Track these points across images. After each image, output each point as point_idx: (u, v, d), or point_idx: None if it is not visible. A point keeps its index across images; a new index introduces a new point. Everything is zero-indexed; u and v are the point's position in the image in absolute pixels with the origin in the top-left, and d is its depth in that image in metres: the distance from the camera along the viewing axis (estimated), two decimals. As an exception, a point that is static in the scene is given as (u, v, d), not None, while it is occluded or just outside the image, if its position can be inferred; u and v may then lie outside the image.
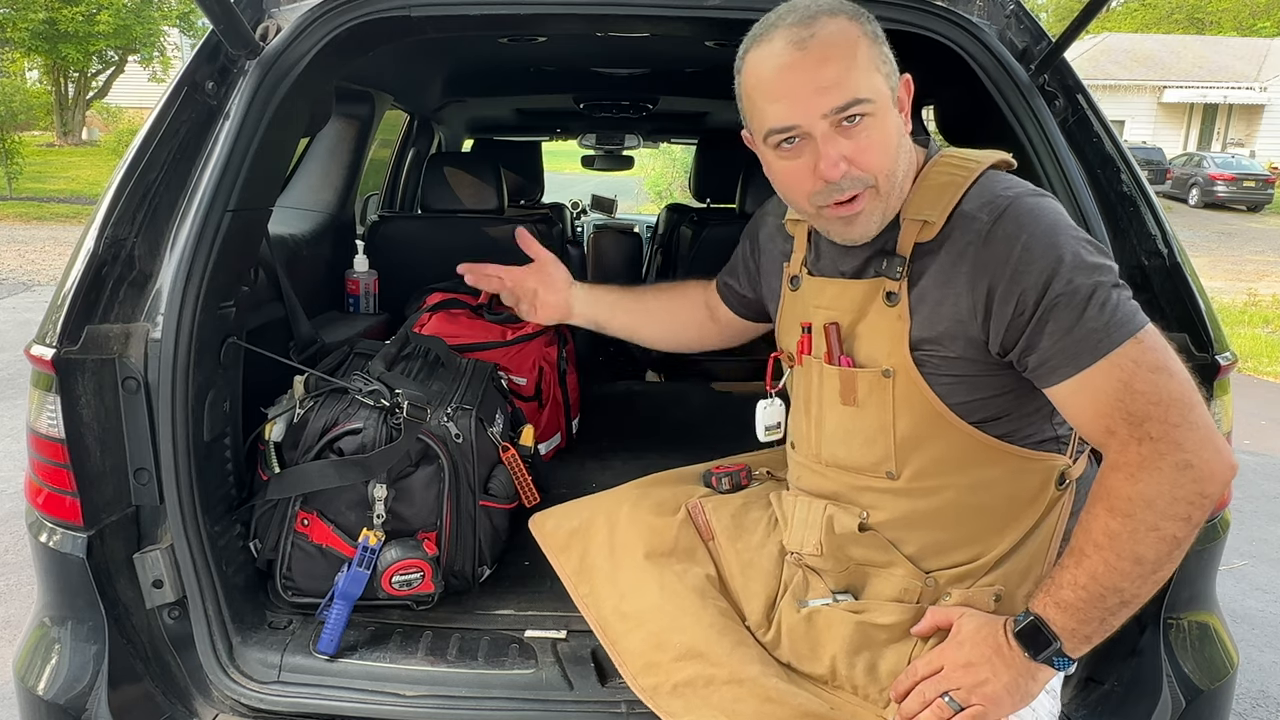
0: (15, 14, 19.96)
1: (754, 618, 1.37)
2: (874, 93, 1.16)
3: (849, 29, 1.16)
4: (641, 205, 16.56)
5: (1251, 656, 2.91)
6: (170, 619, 1.46)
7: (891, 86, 1.20)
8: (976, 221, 1.16)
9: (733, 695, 1.23)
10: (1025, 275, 1.11)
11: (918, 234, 1.21)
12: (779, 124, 1.18)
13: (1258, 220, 20.43)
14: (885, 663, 1.26)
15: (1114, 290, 1.11)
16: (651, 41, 2.15)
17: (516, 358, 2.43)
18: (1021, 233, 1.13)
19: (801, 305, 1.38)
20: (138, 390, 1.40)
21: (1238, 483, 1.21)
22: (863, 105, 1.15)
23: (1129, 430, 1.08)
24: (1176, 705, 1.45)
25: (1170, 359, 1.10)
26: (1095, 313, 1.09)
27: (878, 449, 1.26)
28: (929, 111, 2.39)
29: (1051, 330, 1.11)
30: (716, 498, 1.54)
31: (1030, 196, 1.17)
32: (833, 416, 1.31)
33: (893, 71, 1.21)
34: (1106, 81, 28.23)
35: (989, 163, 1.23)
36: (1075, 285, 1.10)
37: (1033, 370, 1.15)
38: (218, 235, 1.46)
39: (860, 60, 1.16)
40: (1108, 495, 1.09)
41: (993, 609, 1.25)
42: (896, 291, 1.22)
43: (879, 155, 1.18)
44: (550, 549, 1.53)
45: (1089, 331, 1.09)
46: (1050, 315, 1.11)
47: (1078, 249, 1.12)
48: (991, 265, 1.14)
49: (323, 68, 1.61)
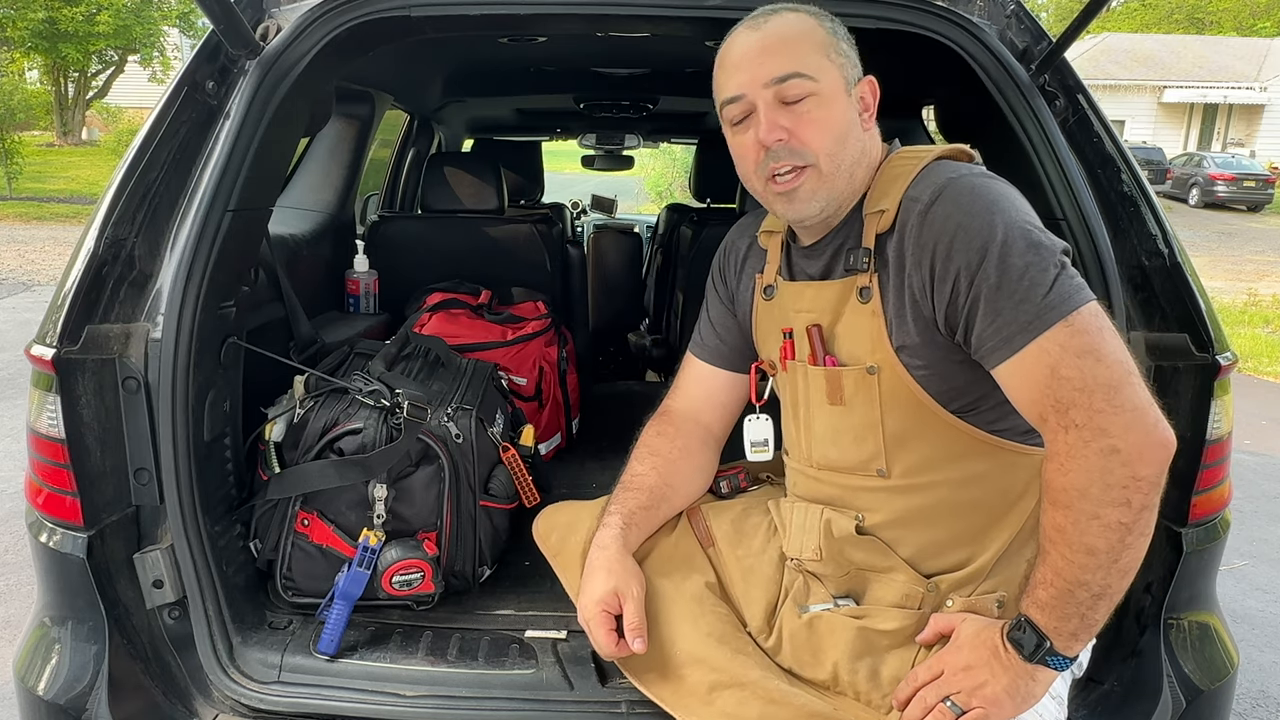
0: (15, 14, 19.95)
1: (755, 623, 1.37)
2: (818, 72, 1.23)
3: (805, 20, 1.27)
4: (641, 205, 16.56)
5: (1251, 656, 2.91)
6: (170, 619, 1.46)
7: (846, 77, 1.26)
8: (918, 203, 1.18)
9: (736, 699, 1.23)
10: (959, 253, 1.13)
11: (878, 225, 1.23)
12: (728, 94, 1.28)
13: (1258, 220, 20.43)
14: (887, 668, 1.26)
15: (1051, 271, 1.10)
16: (651, 41, 2.15)
17: (517, 358, 2.43)
18: (957, 211, 1.14)
19: (780, 312, 1.39)
20: (138, 390, 1.40)
21: (1238, 483, 1.21)
22: (804, 81, 1.22)
23: (1057, 418, 1.08)
24: (1177, 705, 1.45)
25: (1102, 342, 1.08)
26: (1026, 293, 1.09)
27: (867, 446, 1.27)
28: (929, 111, 2.40)
29: (985, 310, 1.12)
30: (716, 504, 1.54)
31: (973, 177, 1.19)
32: (821, 417, 1.32)
33: (849, 65, 1.27)
34: (1106, 81, 28.23)
35: (939, 152, 1.26)
36: (1008, 265, 1.10)
37: (975, 351, 1.16)
38: (218, 235, 1.46)
39: (808, 43, 1.24)
40: (1048, 489, 1.10)
41: (996, 615, 1.24)
42: (869, 286, 1.24)
43: (818, 133, 1.23)
44: (552, 558, 1.53)
45: (1019, 313, 1.10)
46: (982, 294, 1.12)
47: (1013, 228, 1.12)
48: (930, 243, 1.15)
49: (323, 68, 1.61)
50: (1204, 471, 1.47)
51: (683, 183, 14.73)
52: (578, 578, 1.42)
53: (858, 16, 1.49)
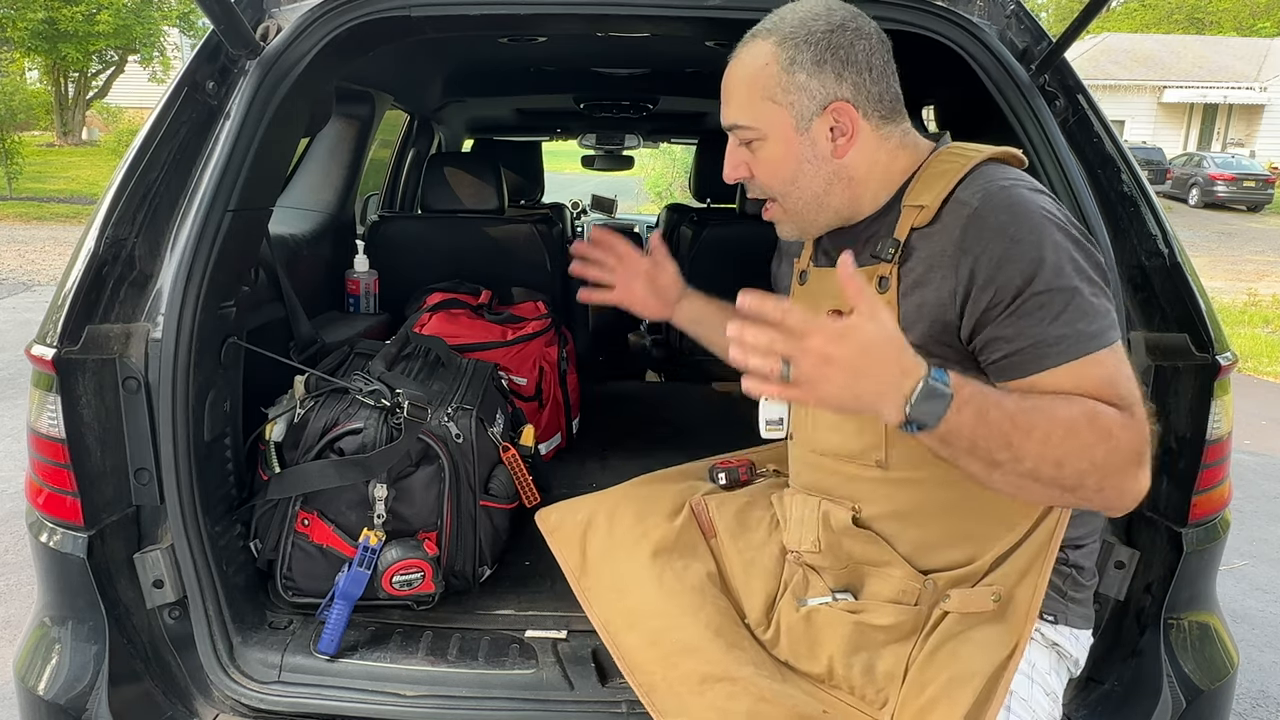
0: (15, 14, 19.95)
1: (754, 615, 1.38)
2: (760, 120, 1.25)
3: (761, 56, 1.23)
4: (641, 205, 16.56)
5: (1251, 656, 2.91)
6: (171, 619, 1.46)
7: (797, 116, 1.23)
8: (966, 206, 1.16)
9: (726, 693, 1.24)
10: (1008, 266, 1.10)
11: (914, 219, 1.21)
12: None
13: (1258, 220, 20.43)
14: (883, 663, 1.26)
15: (1090, 300, 1.09)
16: (651, 41, 2.15)
17: (517, 358, 2.43)
18: (1011, 223, 1.12)
19: (810, 299, 1.39)
20: (138, 390, 1.40)
21: (1238, 482, 1.21)
22: (743, 131, 1.27)
23: (1121, 404, 1.07)
24: (1177, 705, 1.45)
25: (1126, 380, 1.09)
26: (1069, 317, 1.08)
27: (868, 435, 1.27)
28: (929, 111, 2.39)
29: (1023, 327, 1.10)
30: (720, 495, 1.55)
31: (1024, 189, 1.16)
32: None
33: (805, 98, 1.22)
34: (1106, 81, 28.22)
35: (989, 154, 1.23)
36: (1055, 286, 1.09)
37: (993, 364, 1.14)
38: (218, 235, 1.46)
39: (755, 88, 1.24)
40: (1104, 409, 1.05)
41: (991, 609, 1.24)
42: (887, 277, 1.22)
43: (768, 175, 1.28)
44: (555, 543, 1.54)
45: (1059, 337, 1.08)
46: (1023, 312, 1.10)
47: (1064, 250, 1.11)
48: (975, 249, 1.13)
49: (323, 68, 1.61)
50: (1204, 471, 1.46)
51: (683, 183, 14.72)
52: (574, 555, 1.46)
53: (857, 16, 1.50)
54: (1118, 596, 1.52)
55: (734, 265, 2.90)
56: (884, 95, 1.25)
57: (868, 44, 1.24)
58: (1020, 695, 1.23)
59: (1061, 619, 1.28)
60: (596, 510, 1.54)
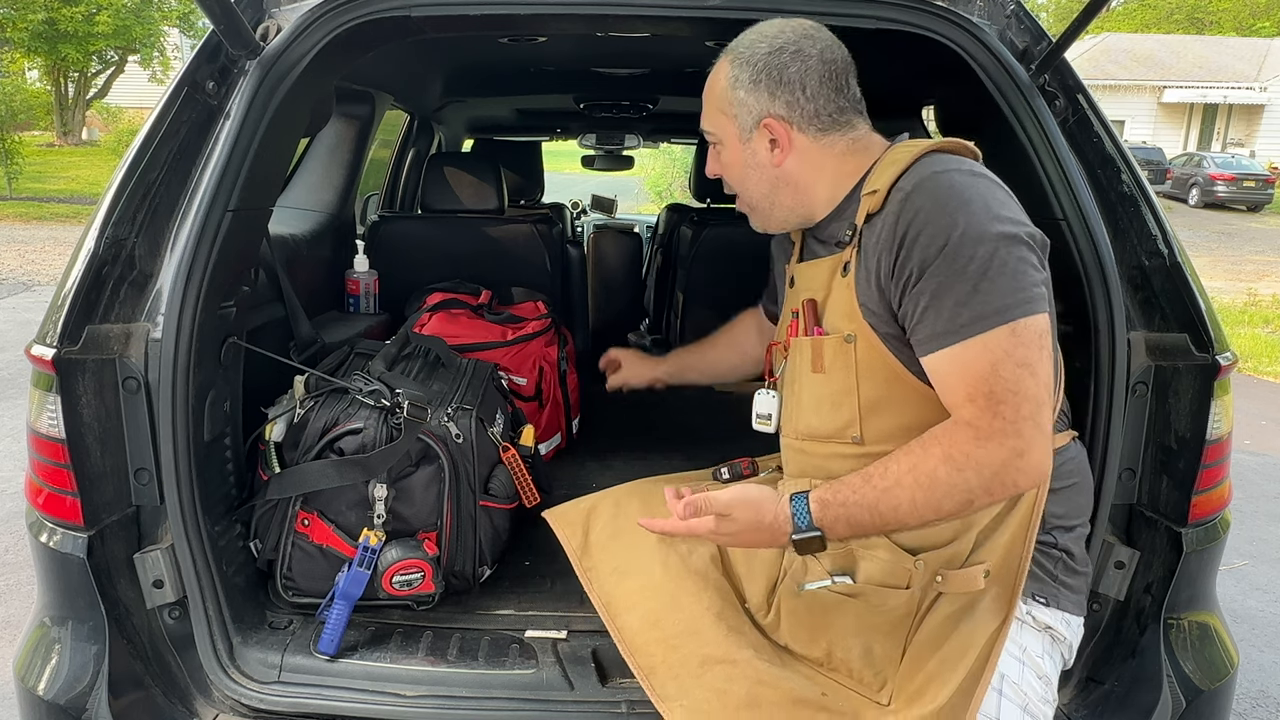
0: (15, 14, 19.95)
1: (755, 600, 1.41)
2: (716, 129, 1.41)
3: (721, 71, 1.38)
4: (641, 205, 16.56)
5: (1251, 656, 2.91)
6: (171, 619, 1.47)
7: (740, 127, 1.36)
8: (901, 191, 1.22)
9: (725, 675, 1.27)
10: (920, 245, 1.17)
11: (869, 205, 1.27)
12: None
13: (1258, 220, 20.43)
14: (880, 646, 1.29)
15: (1005, 275, 1.13)
16: (651, 41, 2.15)
17: (516, 358, 2.43)
18: (929, 204, 1.18)
19: (794, 296, 1.44)
20: (138, 390, 1.40)
21: (1238, 483, 1.22)
22: (709, 135, 1.43)
23: (987, 403, 1.13)
24: (1177, 705, 1.45)
25: (1039, 359, 1.14)
26: (972, 293, 1.13)
27: (844, 413, 1.29)
28: (929, 111, 2.39)
29: (930, 302, 1.16)
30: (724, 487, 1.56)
31: (956, 173, 1.21)
32: (807, 386, 1.35)
33: (745, 111, 1.35)
34: (1106, 81, 28.23)
35: (935, 144, 1.29)
36: (959, 261, 1.14)
37: (912, 336, 1.20)
38: (218, 235, 1.46)
39: (712, 100, 1.40)
40: (950, 443, 1.15)
41: (982, 585, 1.26)
42: (850, 261, 1.28)
43: (727, 176, 1.45)
44: (558, 525, 1.57)
45: (966, 309, 1.13)
46: (923, 289, 1.16)
47: (974, 226, 1.14)
48: (901, 230, 1.19)
49: (323, 68, 1.61)
50: (1204, 471, 1.47)
51: (683, 183, 14.73)
52: (577, 535, 1.53)
53: (858, 16, 1.50)
54: (1118, 596, 1.52)
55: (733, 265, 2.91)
56: (820, 111, 1.33)
57: (803, 65, 1.31)
58: (1011, 679, 1.25)
59: (1054, 602, 1.30)
60: (601, 500, 1.61)
